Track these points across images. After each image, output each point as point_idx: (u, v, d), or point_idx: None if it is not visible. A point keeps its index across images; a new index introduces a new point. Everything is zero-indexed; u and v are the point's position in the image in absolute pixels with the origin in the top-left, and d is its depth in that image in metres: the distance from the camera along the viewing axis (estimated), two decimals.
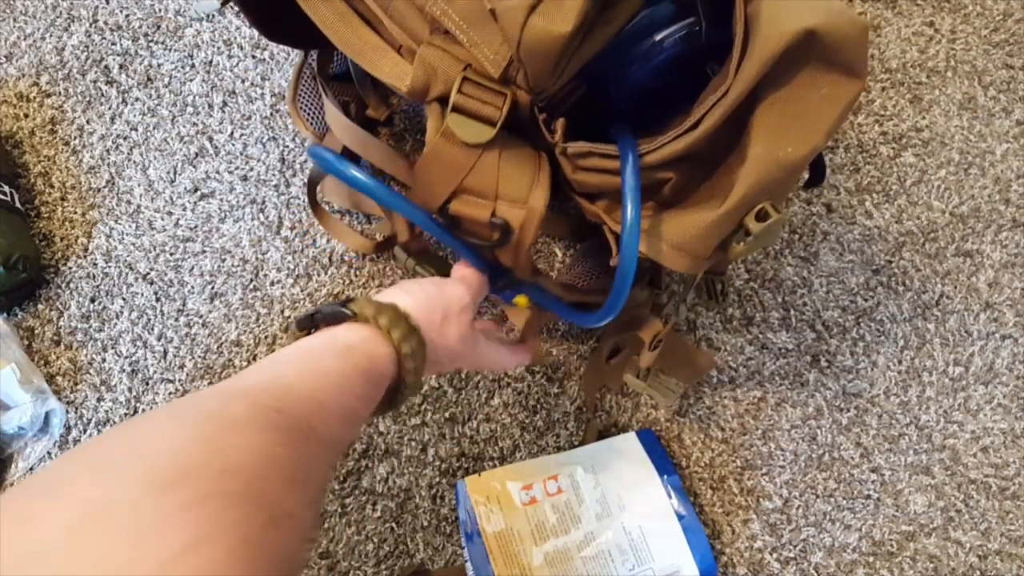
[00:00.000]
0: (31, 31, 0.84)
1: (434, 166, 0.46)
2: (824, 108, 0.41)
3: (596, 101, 0.51)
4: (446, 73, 0.45)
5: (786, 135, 0.41)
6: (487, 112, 0.44)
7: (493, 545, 0.60)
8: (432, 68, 0.45)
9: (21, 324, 0.73)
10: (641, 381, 0.57)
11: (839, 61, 0.40)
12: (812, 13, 0.39)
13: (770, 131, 0.41)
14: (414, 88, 0.46)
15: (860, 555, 0.66)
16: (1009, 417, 0.70)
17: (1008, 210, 0.76)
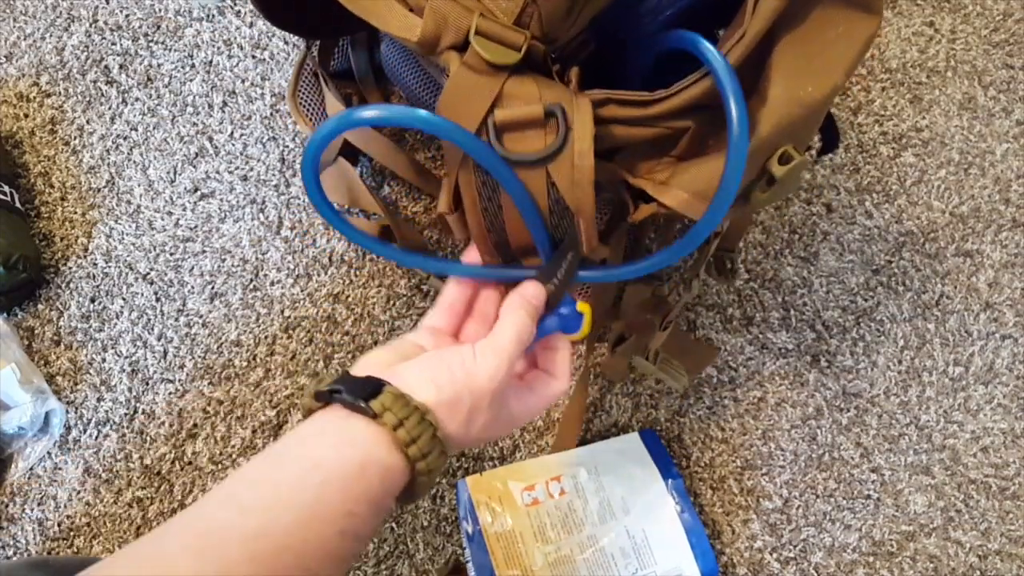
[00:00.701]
0: (31, 31, 0.84)
1: (460, 93, 0.43)
2: (842, 46, 0.41)
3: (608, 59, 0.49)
4: (457, 22, 0.43)
5: (805, 74, 0.40)
6: (511, 37, 0.42)
7: (494, 545, 0.60)
8: (443, 17, 0.43)
9: (21, 324, 0.73)
10: (651, 363, 0.56)
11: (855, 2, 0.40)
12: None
13: (789, 71, 0.40)
14: (424, 38, 0.43)
15: (860, 555, 0.66)
16: (1009, 417, 0.70)
17: (1008, 210, 0.76)
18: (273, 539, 0.32)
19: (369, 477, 0.35)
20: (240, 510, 0.33)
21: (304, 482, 0.34)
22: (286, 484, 0.34)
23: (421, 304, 0.73)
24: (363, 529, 0.35)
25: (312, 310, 0.73)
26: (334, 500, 0.34)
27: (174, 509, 0.68)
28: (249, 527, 0.32)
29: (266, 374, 0.72)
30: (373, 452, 0.35)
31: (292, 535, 0.32)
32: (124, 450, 0.70)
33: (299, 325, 0.73)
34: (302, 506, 0.33)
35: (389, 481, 0.36)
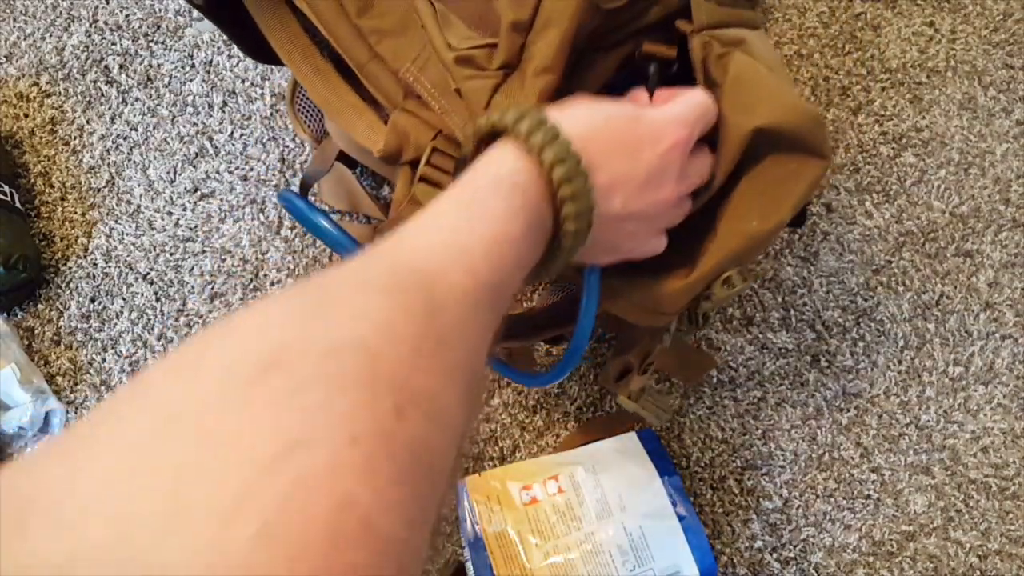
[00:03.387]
0: (31, 31, 0.84)
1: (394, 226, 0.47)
2: (790, 184, 0.42)
3: None
4: (418, 140, 0.45)
5: (753, 210, 0.43)
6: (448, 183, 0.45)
7: (493, 545, 0.60)
8: (405, 134, 0.46)
9: (21, 324, 0.73)
10: (633, 402, 0.57)
11: (800, 147, 0.42)
12: (763, 110, 0.41)
13: (738, 206, 0.43)
14: (387, 153, 0.46)
15: (860, 555, 0.66)
16: (1009, 417, 0.70)
17: (1008, 210, 0.76)
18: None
19: (512, 184, 0.32)
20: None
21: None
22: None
23: None
24: (521, 256, 0.32)
25: None
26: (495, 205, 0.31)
27: None
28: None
29: None
30: (504, 172, 0.33)
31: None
32: None
33: None
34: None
35: (523, 187, 0.33)
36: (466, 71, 0.43)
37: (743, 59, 0.42)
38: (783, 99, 0.41)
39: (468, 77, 0.42)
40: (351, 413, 0.20)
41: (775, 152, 0.42)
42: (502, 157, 0.33)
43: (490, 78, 0.42)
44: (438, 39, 0.43)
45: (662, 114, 0.38)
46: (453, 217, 0.31)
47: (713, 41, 0.43)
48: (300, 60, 0.51)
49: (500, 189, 0.32)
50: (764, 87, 0.41)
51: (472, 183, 0.33)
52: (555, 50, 0.41)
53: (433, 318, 0.25)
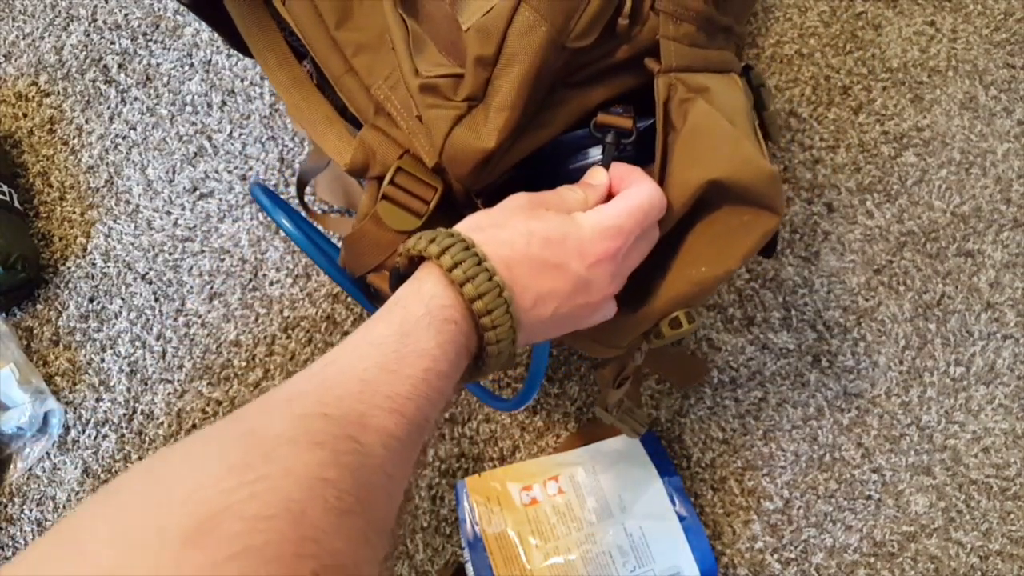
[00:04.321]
0: (30, 30, 0.84)
1: (361, 242, 0.47)
2: (742, 235, 0.43)
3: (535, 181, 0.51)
4: (384, 157, 0.46)
5: (704, 255, 0.44)
6: (415, 205, 0.45)
7: (493, 546, 0.60)
8: (371, 150, 0.46)
9: (20, 324, 0.73)
10: (610, 414, 0.58)
11: (753, 201, 0.42)
12: (717, 163, 0.41)
13: (689, 250, 0.44)
14: (353, 168, 0.47)
15: (861, 556, 0.66)
16: (1010, 417, 0.70)
17: (1009, 210, 0.76)
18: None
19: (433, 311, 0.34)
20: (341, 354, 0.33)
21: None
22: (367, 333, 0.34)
23: None
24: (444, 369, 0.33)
25: (311, 310, 0.73)
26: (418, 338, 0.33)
27: None
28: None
29: (265, 374, 0.71)
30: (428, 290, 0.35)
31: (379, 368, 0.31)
32: (123, 451, 0.70)
33: (298, 325, 0.73)
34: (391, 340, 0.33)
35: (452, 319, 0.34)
36: (429, 99, 0.43)
37: (704, 108, 0.42)
38: (739, 154, 0.41)
39: (431, 106, 0.43)
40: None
41: (728, 203, 0.43)
42: (432, 289, 0.35)
43: (453, 109, 0.42)
44: (406, 63, 0.43)
45: (592, 228, 0.39)
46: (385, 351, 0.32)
47: (679, 84, 0.43)
48: (276, 67, 0.51)
49: (433, 323, 0.33)
50: (721, 140, 0.42)
51: (403, 311, 0.34)
52: (516, 88, 0.41)
53: (360, 472, 0.26)
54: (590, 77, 0.44)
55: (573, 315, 0.40)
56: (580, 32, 0.41)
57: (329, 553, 0.23)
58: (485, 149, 0.42)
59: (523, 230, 0.38)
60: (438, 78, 0.42)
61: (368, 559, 0.26)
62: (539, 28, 0.40)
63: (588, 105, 0.45)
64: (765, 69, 0.81)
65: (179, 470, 0.24)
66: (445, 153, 0.43)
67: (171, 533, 0.21)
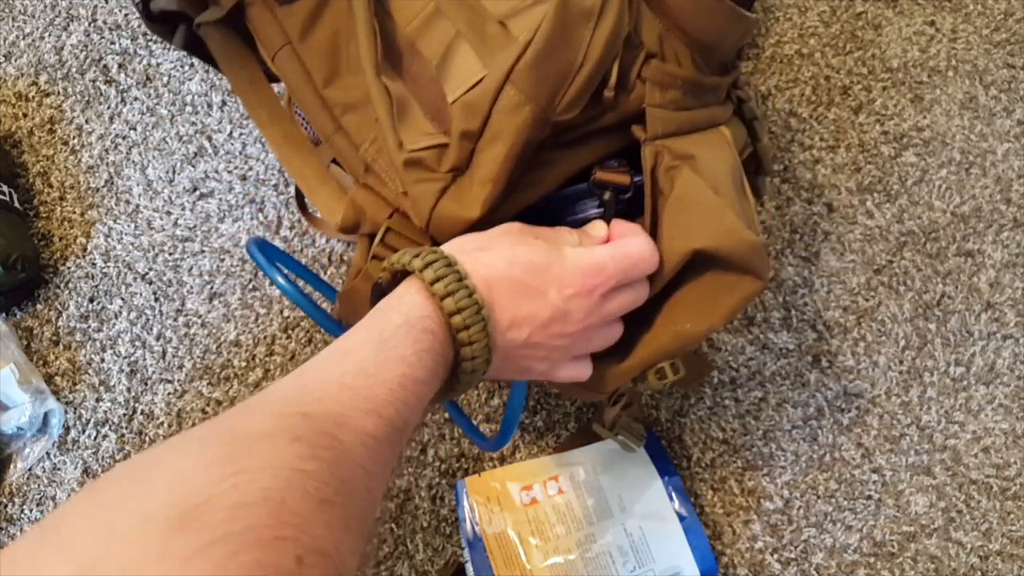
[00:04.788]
0: (30, 30, 0.84)
1: (354, 299, 0.47)
2: (725, 296, 0.44)
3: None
4: (374, 216, 0.46)
5: (688, 313, 0.45)
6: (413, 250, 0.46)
7: (493, 546, 0.60)
8: (361, 210, 0.47)
9: (20, 324, 0.73)
10: (608, 431, 0.59)
11: (737, 268, 0.43)
12: (703, 233, 0.42)
13: (675, 307, 0.45)
14: (344, 227, 0.47)
15: (861, 556, 0.66)
16: (1010, 417, 0.70)
17: (1009, 210, 0.76)
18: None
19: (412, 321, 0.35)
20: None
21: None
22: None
23: None
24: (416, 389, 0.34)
25: None
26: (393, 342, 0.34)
27: None
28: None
29: (265, 374, 0.71)
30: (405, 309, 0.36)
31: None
32: (123, 451, 0.70)
33: (298, 325, 0.73)
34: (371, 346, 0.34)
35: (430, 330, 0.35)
36: (415, 174, 0.43)
37: (689, 177, 0.43)
38: (723, 225, 0.42)
39: (416, 180, 0.43)
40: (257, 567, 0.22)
41: (713, 268, 0.44)
42: (412, 300, 0.36)
43: (438, 181, 0.43)
44: (390, 138, 0.44)
45: (575, 261, 0.40)
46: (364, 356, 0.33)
47: (664, 151, 0.44)
48: (267, 123, 0.52)
49: (411, 332, 0.34)
50: (706, 211, 0.43)
51: (383, 320, 0.35)
52: (499, 165, 0.42)
53: (338, 466, 0.27)
54: (577, 139, 0.45)
55: (547, 347, 0.41)
56: (565, 107, 0.42)
57: (311, 538, 0.24)
58: (470, 219, 0.43)
59: (508, 253, 0.39)
60: (423, 151, 0.43)
61: (350, 549, 0.26)
62: (524, 108, 0.41)
63: (577, 165, 0.46)
64: (765, 69, 0.81)
65: (162, 466, 0.25)
66: (432, 223, 0.44)
67: (155, 522, 0.22)
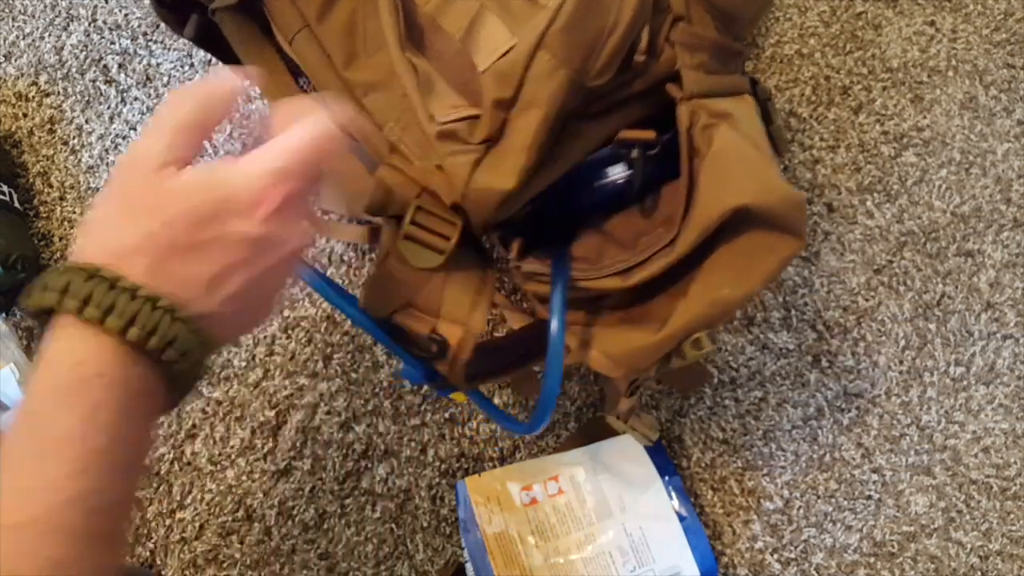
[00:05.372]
0: (30, 30, 0.84)
1: (384, 282, 0.47)
2: (763, 257, 0.43)
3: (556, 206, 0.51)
4: (402, 196, 0.46)
5: (726, 277, 0.43)
6: (437, 243, 0.45)
7: (493, 546, 0.60)
8: (389, 190, 0.46)
9: (20, 324, 0.73)
10: (621, 423, 0.58)
11: (778, 226, 0.42)
12: (745, 189, 0.41)
13: (711, 272, 0.44)
14: (372, 207, 0.46)
15: (861, 556, 0.66)
16: (1010, 417, 0.70)
17: (1009, 210, 0.76)
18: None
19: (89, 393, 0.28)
20: None
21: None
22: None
23: None
24: (128, 452, 0.29)
25: (311, 310, 0.73)
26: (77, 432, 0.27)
27: (172, 510, 0.68)
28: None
29: (265, 374, 0.71)
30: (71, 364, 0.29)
31: None
32: None
33: (298, 325, 0.73)
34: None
35: (97, 373, 0.29)
36: (448, 146, 0.43)
37: (729, 134, 0.42)
38: (766, 181, 0.42)
39: (450, 152, 0.43)
40: None
41: (753, 228, 0.43)
42: (63, 348, 0.29)
43: (472, 152, 0.42)
44: (421, 111, 0.43)
45: (248, 182, 0.34)
46: (14, 461, 0.27)
47: (700, 111, 0.43)
48: None
49: (68, 394, 0.28)
50: (748, 166, 0.42)
51: (30, 396, 0.29)
52: (535, 130, 0.41)
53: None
54: (605, 108, 0.45)
55: (273, 272, 0.35)
56: (598, 72, 0.41)
57: None
58: (505, 190, 0.42)
59: (157, 225, 0.32)
60: (454, 123, 0.42)
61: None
62: (558, 72, 0.40)
63: (605, 135, 0.45)
64: (765, 69, 0.81)
65: None
66: (466, 197, 0.43)
67: None
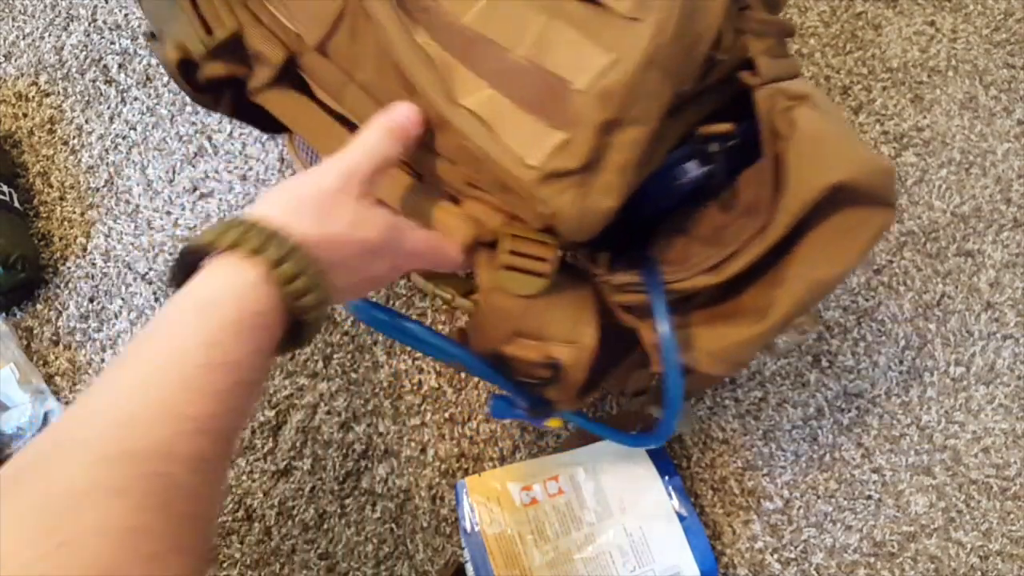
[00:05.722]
0: (30, 30, 0.84)
1: (489, 318, 0.46)
2: (858, 232, 0.42)
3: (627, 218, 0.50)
4: (492, 225, 0.45)
5: (821, 258, 0.43)
6: (537, 267, 0.44)
7: (493, 546, 0.60)
8: (479, 222, 0.45)
9: (20, 324, 0.73)
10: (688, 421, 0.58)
11: (872, 199, 0.42)
12: (839, 166, 0.40)
13: (807, 253, 0.43)
14: (467, 245, 0.45)
15: (861, 556, 0.66)
16: (1010, 417, 0.70)
17: (1009, 210, 0.76)
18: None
19: (222, 313, 0.31)
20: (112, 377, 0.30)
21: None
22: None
23: (421, 304, 0.73)
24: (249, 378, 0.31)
25: None
26: (208, 340, 0.30)
27: None
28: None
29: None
30: (217, 290, 0.32)
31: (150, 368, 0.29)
32: None
33: None
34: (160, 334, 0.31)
35: (253, 305, 0.32)
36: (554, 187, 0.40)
37: (812, 114, 0.42)
38: (857, 155, 0.41)
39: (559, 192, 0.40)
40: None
41: (845, 204, 0.42)
42: (243, 286, 0.32)
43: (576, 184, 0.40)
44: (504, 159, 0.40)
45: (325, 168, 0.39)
46: (189, 367, 0.29)
47: (778, 95, 0.43)
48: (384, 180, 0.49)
49: (243, 330, 0.31)
50: (838, 143, 0.42)
51: (209, 316, 0.31)
52: (640, 149, 0.40)
53: (168, 508, 0.26)
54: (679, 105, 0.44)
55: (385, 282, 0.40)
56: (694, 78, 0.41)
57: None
58: (610, 210, 0.41)
59: (338, 230, 0.37)
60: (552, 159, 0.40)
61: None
62: (665, 87, 0.39)
63: (680, 133, 0.45)
64: None
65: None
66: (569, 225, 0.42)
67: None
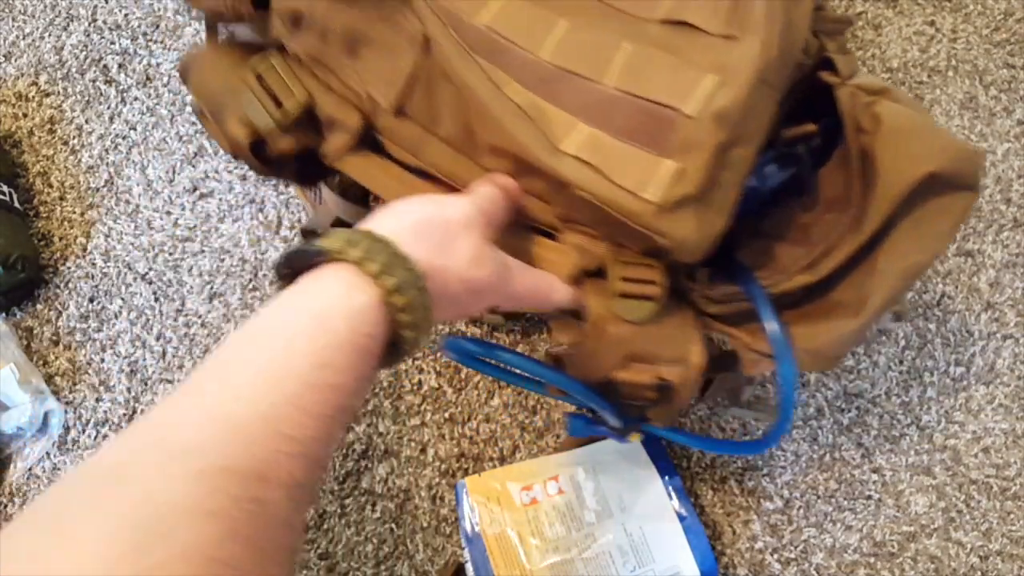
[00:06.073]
0: (30, 30, 0.84)
1: (600, 345, 0.45)
2: (944, 216, 0.43)
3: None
4: (597, 253, 0.45)
5: (912, 245, 0.43)
6: (647, 291, 0.44)
7: (493, 546, 0.60)
8: (584, 251, 0.45)
9: (20, 324, 0.73)
10: (745, 408, 0.58)
11: (960, 184, 0.42)
12: (929, 155, 0.41)
13: (898, 243, 0.43)
14: (574, 275, 0.45)
15: (861, 556, 0.66)
16: (1010, 417, 0.70)
17: (1009, 210, 0.76)
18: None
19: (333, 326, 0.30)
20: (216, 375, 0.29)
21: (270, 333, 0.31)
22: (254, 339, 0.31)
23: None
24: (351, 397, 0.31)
25: None
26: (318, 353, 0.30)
27: None
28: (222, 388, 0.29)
29: None
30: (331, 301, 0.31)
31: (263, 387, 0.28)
32: None
33: None
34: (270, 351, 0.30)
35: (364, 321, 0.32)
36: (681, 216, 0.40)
37: (895, 108, 0.43)
38: (945, 143, 0.42)
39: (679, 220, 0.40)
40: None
41: (934, 191, 0.43)
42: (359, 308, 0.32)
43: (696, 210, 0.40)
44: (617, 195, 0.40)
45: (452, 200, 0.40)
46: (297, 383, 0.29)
47: (858, 91, 0.43)
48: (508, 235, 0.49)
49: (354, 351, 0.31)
50: (926, 134, 0.42)
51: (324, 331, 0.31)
52: (749, 163, 0.41)
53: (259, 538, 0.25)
54: None
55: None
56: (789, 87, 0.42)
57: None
58: (724, 228, 0.42)
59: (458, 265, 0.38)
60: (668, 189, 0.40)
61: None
62: (773, 101, 0.40)
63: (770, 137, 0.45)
64: None
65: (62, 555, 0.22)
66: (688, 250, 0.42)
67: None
